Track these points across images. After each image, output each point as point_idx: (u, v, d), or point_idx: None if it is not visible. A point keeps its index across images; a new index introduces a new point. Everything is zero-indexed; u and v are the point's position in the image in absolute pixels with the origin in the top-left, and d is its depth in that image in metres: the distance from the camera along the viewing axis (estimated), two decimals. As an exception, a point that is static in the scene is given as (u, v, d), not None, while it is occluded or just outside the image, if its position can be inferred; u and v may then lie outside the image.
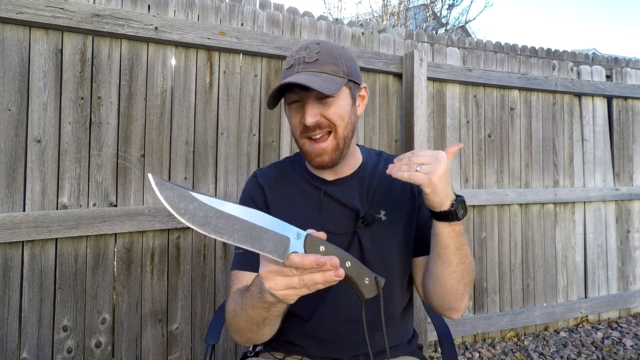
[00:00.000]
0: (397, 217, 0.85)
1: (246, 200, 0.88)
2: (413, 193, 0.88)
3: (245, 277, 0.78)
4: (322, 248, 0.52)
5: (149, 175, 0.50)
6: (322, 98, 0.76)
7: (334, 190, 0.85)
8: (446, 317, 0.84)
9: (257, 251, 0.51)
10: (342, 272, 0.51)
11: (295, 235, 0.52)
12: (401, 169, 0.70)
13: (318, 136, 0.78)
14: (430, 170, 0.67)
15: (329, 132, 0.79)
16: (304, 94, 0.76)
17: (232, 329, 0.72)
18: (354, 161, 0.89)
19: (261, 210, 0.84)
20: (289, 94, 0.78)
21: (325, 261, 0.49)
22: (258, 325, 0.66)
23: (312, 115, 0.75)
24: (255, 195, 0.88)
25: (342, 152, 0.81)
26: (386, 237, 0.84)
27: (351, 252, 0.83)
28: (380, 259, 0.83)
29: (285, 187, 0.88)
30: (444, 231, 0.71)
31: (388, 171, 0.72)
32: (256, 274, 0.75)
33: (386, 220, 0.84)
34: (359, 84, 0.84)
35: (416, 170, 0.68)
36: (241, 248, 0.81)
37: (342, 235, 0.83)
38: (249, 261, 0.79)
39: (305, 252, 0.51)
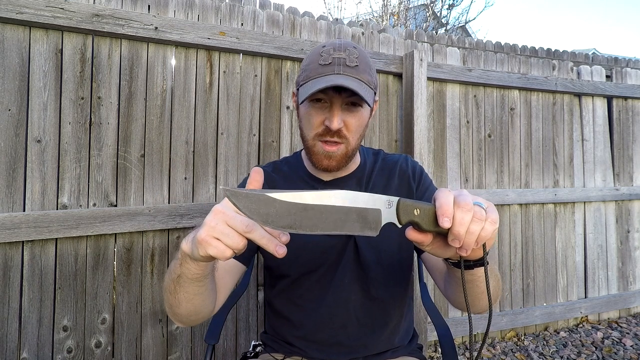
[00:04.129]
0: None
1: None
2: (410, 190, 0.87)
3: None
4: (416, 212, 0.49)
5: (222, 188, 0.45)
6: (350, 105, 0.76)
7: None
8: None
9: (348, 233, 0.48)
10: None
11: (386, 205, 0.49)
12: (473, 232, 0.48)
13: (332, 142, 0.77)
14: (494, 217, 0.50)
15: (341, 143, 0.78)
16: (335, 97, 0.74)
17: (164, 298, 0.69)
18: (352, 163, 0.88)
19: None
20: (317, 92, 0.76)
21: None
22: (174, 284, 0.62)
23: (339, 121, 0.74)
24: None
25: (349, 160, 0.81)
26: (382, 239, 0.81)
27: (347, 254, 0.82)
28: (377, 261, 0.83)
29: (282, 185, 0.88)
30: (481, 272, 0.56)
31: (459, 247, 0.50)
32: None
33: None
34: (376, 96, 0.84)
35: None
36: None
37: (337, 237, 0.82)
38: None
39: (398, 219, 0.49)
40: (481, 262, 0.54)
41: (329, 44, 0.77)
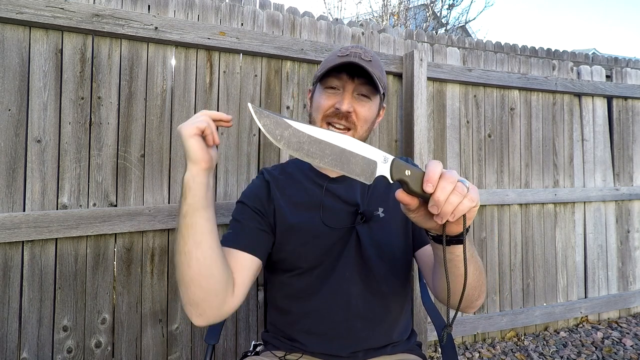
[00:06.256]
0: (394, 215, 0.87)
1: (251, 192, 0.89)
2: None
3: (228, 252, 0.77)
4: (407, 172, 0.53)
5: (249, 104, 0.54)
6: (360, 94, 0.83)
7: (336, 187, 0.88)
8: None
9: (345, 174, 0.54)
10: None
11: (382, 160, 0.54)
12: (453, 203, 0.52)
13: (340, 127, 0.83)
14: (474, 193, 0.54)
15: (349, 129, 0.83)
16: (348, 83, 0.82)
17: (176, 275, 0.70)
18: None
19: (265, 204, 0.86)
20: (331, 79, 0.83)
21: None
22: (183, 229, 0.64)
23: (349, 104, 0.81)
24: (261, 188, 0.89)
25: None
26: (384, 233, 0.86)
27: (349, 247, 0.84)
28: (379, 255, 0.85)
29: (289, 185, 0.90)
30: (460, 252, 0.59)
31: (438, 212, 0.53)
32: (240, 251, 0.78)
33: (384, 218, 0.87)
34: (383, 102, 0.92)
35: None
36: (232, 229, 0.83)
37: (341, 230, 0.84)
38: (235, 240, 0.80)
39: (391, 175, 0.54)
40: (460, 238, 0.57)
41: (348, 45, 0.88)
